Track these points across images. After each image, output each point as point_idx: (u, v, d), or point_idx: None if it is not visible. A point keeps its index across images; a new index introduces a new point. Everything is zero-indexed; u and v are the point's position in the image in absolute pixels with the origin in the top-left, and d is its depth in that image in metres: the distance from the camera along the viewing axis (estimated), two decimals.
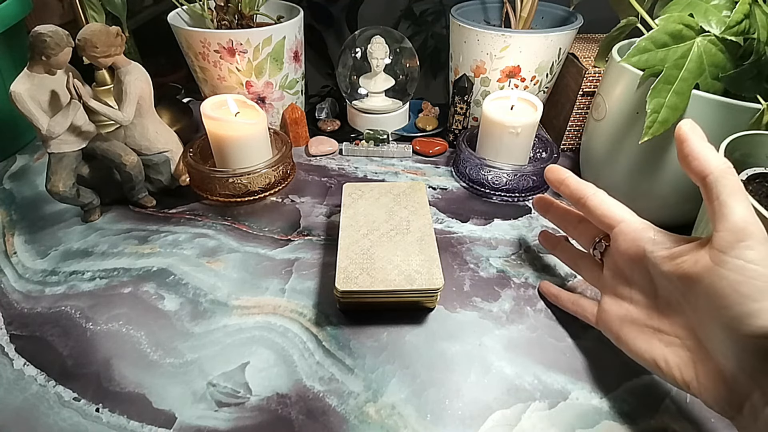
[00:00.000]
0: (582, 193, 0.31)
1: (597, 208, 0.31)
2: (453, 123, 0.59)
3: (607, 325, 0.31)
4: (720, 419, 0.30)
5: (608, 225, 0.30)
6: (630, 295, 0.30)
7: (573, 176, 0.33)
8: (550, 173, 0.34)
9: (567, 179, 0.33)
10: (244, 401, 0.31)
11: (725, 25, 0.36)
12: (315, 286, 0.40)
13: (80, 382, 0.32)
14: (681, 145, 0.26)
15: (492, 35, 0.52)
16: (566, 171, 0.33)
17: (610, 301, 0.31)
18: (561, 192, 0.33)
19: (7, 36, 0.53)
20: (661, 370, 0.27)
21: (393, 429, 0.30)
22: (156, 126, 0.47)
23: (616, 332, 0.30)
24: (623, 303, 0.30)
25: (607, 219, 0.30)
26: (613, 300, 0.31)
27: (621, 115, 0.43)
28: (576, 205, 0.32)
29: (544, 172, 0.35)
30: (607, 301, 0.31)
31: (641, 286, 0.29)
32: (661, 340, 0.27)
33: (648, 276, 0.28)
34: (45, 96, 0.40)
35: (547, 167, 0.35)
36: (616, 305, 0.30)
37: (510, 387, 0.32)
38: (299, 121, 0.59)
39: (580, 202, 0.32)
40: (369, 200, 0.43)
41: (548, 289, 0.38)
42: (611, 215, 0.30)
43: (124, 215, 0.48)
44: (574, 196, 0.32)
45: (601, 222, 0.31)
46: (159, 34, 0.62)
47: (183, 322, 0.37)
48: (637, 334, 0.28)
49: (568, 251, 0.38)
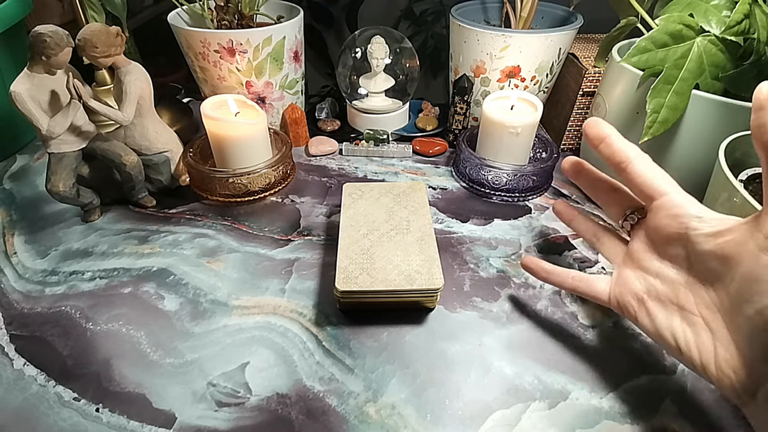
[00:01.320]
0: (624, 155, 0.28)
1: (639, 175, 0.28)
2: (453, 123, 0.59)
3: (624, 298, 0.29)
4: (720, 420, 0.30)
5: (649, 196, 0.28)
6: (658, 270, 0.28)
7: (617, 134, 0.29)
8: (589, 127, 0.30)
9: (610, 137, 0.29)
10: (244, 401, 0.31)
11: (725, 25, 0.36)
12: (315, 286, 0.40)
13: (80, 382, 0.32)
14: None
15: (492, 35, 0.52)
16: (610, 127, 0.29)
17: (631, 274, 0.30)
18: (600, 151, 0.29)
19: (7, 36, 0.53)
20: (678, 349, 0.26)
21: (393, 429, 0.30)
22: (156, 126, 0.47)
23: (634, 306, 0.29)
24: (648, 277, 0.29)
25: (649, 189, 0.28)
26: (637, 273, 0.29)
27: (621, 115, 0.43)
28: (615, 169, 0.29)
29: (584, 126, 0.30)
30: (627, 275, 0.30)
31: (674, 261, 0.27)
32: (684, 318, 0.26)
33: (683, 252, 0.26)
34: (45, 96, 0.40)
35: (588, 120, 0.30)
36: (638, 279, 0.29)
37: (510, 387, 0.32)
38: (299, 121, 0.59)
39: (620, 166, 0.28)
40: (369, 200, 0.43)
41: (538, 265, 0.35)
42: (655, 186, 0.27)
43: (124, 215, 0.48)
44: (615, 158, 0.29)
45: (642, 191, 0.28)
46: (159, 34, 0.62)
47: (183, 322, 0.37)
48: (659, 310, 0.27)
49: (588, 223, 0.36)
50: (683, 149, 0.40)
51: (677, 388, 0.32)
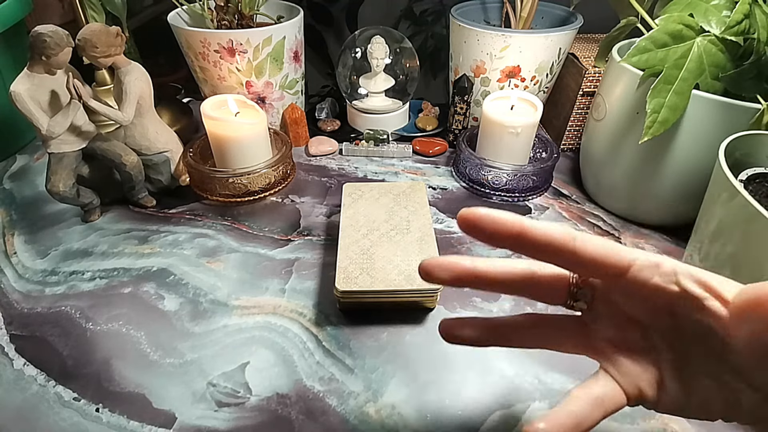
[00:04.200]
0: (565, 232, 0.21)
1: (595, 247, 0.21)
2: (453, 123, 0.59)
3: (644, 393, 0.22)
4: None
5: (615, 269, 0.21)
6: (652, 345, 0.23)
7: (525, 218, 0.21)
8: (490, 221, 0.20)
9: (524, 224, 0.20)
10: (244, 401, 0.31)
11: (725, 25, 0.36)
12: (315, 286, 0.40)
13: (80, 382, 0.32)
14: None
15: (492, 35, 0.52)
16: (509, 213, 0.21)
17: (631, 362, 0.23)
18: (520, 243, 0.21)
19: (7, 36, 0.53)
20: (708, 415, 0.22)
21: (393, 429, 0.30)
22: (156, 126, 0.47)
23: (655, 395, 0.22)
24: (649, 356, 0.23)
25: (613, 259, 0.21)
26: (635, 358, 0.23)
27: (621, 115, 0.43)
28: (557, 248, 0.21)
29: (472, 220, 0.21)
30: (627, 364, 0.23)
31: (663, 330, 0.22)
32: (698, 382, 0.22)
33: (669, 319, 0.22)
34: (45, 96, 0.40)
35: (469, 212, 0.21)
36: (643, 363, 0.23)
37: (510, 387, 0.32)
38: (299, 121, 0.59)
39: (565, 246, 0.21)
40: (369, 200, 0.43)
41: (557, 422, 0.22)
42: (622, 255, 0.21)
43: (124, 215, 0.48)
44: (556, 239, 0.21)
45: (602, 264, 0.21)
46: (159, 34, 0.62)
47: (183, 322, 0.37)
48: (677, 387, 0.22)
49: (519, 325, 0.26)
50: (683, 149, 0.40)
51: None
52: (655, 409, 0.23)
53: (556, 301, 0.25)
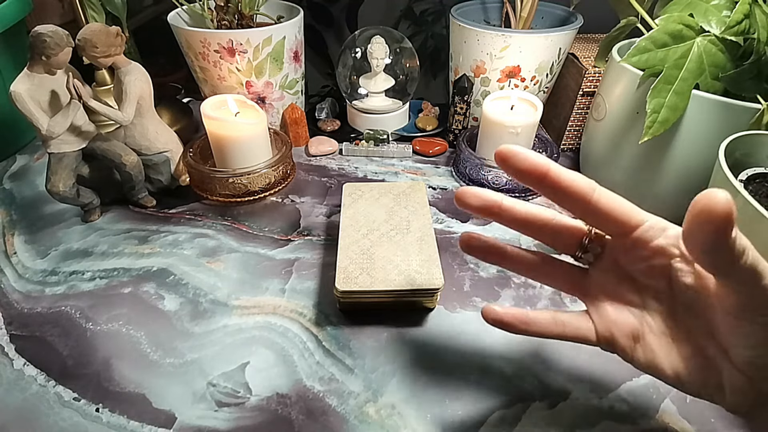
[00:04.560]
0: (588, 182, 0.24)
1: (610, 203, 0.23)
2: (453, 123, 0.59)
3: (616, 339, 0.25)
4: (720, 419, 0.30)
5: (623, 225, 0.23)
6: (642, 302, 0.25)
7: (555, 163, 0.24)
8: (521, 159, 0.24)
9: (550, 167, 0.23)
10: (244, 401, 0.31)
11: (725, 25, 0.36)
12: (315, 286, 0.40)
13: (80, 382, 0.32)
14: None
15: (492, 35, 0.52)
16: (542, 156, 0.24)
17: (614, 311, 0.25)
18: (546, 185, 0.24)
19: (7, 36, 0.53)
20: (682, 383, 0.23)
21: (393, 429, 0.30)
22: (156, 126, 0.47)
23: (628, 344, 0.25)
24: (633, 310, 0.25)
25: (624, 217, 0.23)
26: (619, 309, 0.25)
27: (621, 115, 0.43)
28: (573, 198, 0.24)
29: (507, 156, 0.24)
30: (609, 312, 0.25)
31: (657, 291, 0.24)
32: (681, 350, 0.23)
33: (665, 281, 0.24)
34: (45, 96, 0.40)
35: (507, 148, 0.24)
36: (624, 315, 0.25)
37: (510, 387, 0.32)
38: (299, 121, 0.59)
39: (584, 196, 0.24)
40: (369, 200, 0.43)
41: (515, 317, 0.27)
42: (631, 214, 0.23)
43: (124, 215, 0.48)
44: (576, 188, 0.24)
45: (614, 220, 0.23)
46: (159, 34, 0.62)
47: (183, 322, 0.37)
48: (656, 346, 0.24)
49: (525, 258, 0.28)
50: (683, 149, 0.40)
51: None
52: (629, 361, 0.25)
53: (567, 249, 0.27)
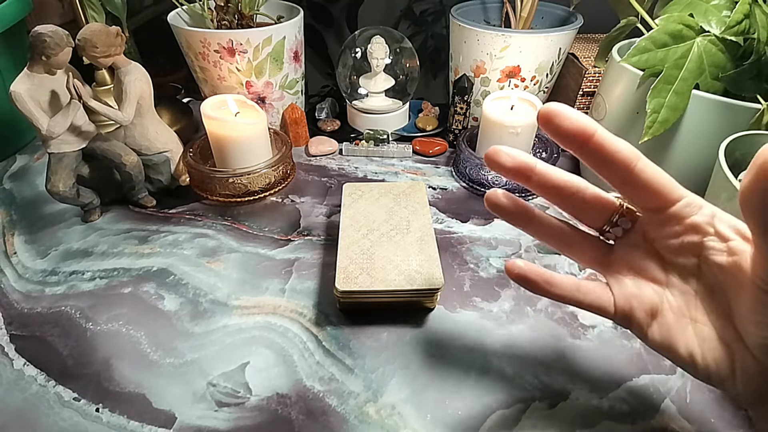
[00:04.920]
0: (633, 151, 0.23)
1: (652, 175, 0.23)
2: (453, 123, 0.59)
3: (633, 314, 0.25)
4: (720, 419, 0.30)
5: (662, 199, 0.23)
6: (665, 279, 0.25)
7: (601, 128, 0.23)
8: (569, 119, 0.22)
9: (597, 131, 0.23)
10: (244, 401, 0.31)
11: (725, 25, 0.36)
12: (315, 286, 0.40)
13: (80, 382, 0.32)
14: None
15: (492, 35, 0.52)
16: (589, 118, 0.23)
17: (634, 285, 0.25)
18: (589, 149, 0.23)
19: (7, 36, 0.53)
20: (695, 365, 0.23)
21: (393, 429, 0.30)
22: (156, 126, 0.47)
23: (646, 322, 0.24)
24: (655, 287, 0.25)
25: (664, 191, 0.22)
26: (643, 284, 0.25)
27: (621, 115, 0.43)
28: (616, 167, 0.23)
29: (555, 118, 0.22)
30: (631, 286, 0.25)
31: (683, 268, 0.24)
32: (697, 331, 0.23)
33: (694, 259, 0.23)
34: (45, 96, 0.40)
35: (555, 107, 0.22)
36: (645, 290, 0.25)
37: (510, 387, 0.32)
38: (299, 121, 0.59)
39: (628, 165, 0.23)
40: (369, 200, 0.43)
41: (538, 274, 0.26)
42: (670, 189, 0.22)
43: (124, 215, 0.48)
44: (620, 155, 0.23)
45: (652, 193, 0.23)
46: (159, 34, 0.62)
47: (183, 322, 0.37)
48: (673, 325, 0.24)
49: (553, 226, 0.27)
50: (683, 149, 0.40)
51: (677, 388, 0.32)
52: (643, 338, 0.25)
53: (594, 222, 0.26)
